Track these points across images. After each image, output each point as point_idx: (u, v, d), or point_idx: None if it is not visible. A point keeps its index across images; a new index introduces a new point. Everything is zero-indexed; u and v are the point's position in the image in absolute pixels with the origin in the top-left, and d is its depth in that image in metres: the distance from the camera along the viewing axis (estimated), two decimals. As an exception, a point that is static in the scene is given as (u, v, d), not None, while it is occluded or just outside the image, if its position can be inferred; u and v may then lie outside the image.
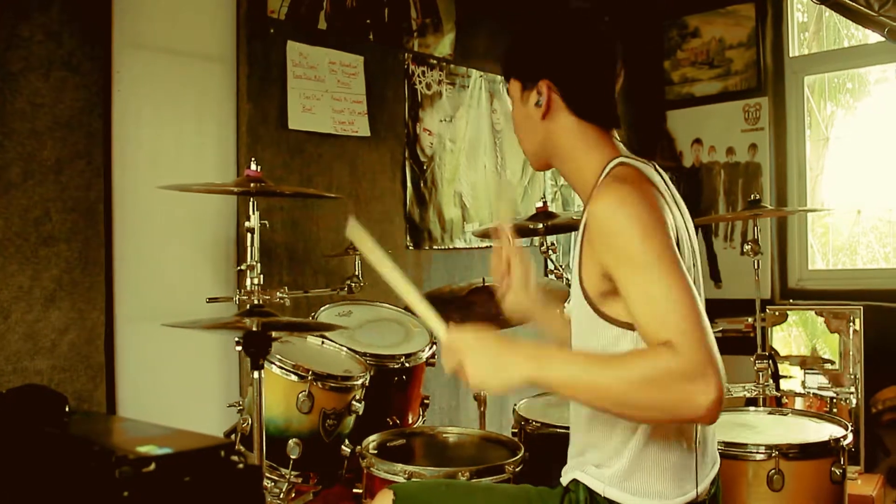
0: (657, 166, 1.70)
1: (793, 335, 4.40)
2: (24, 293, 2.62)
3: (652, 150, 5.38)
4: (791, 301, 4.74)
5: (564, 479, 1.67)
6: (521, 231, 3.27)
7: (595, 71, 1.67)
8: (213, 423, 3.08)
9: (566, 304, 2.95)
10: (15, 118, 2.62)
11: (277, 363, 2.44)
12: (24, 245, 2.62)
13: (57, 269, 2.69)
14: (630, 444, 1.56)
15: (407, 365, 2.82)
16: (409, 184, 3.97)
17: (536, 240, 3.25)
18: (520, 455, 2.21)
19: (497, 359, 1.45)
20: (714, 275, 5.16)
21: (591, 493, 1.59)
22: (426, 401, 3.00)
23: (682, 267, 1.40)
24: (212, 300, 2.59)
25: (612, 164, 1.61)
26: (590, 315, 1.56)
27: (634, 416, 1.45)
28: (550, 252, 3.15)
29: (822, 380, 4.21)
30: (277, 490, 2.42)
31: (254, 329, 2.08)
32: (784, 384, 4.21)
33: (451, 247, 4.19)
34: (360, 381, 2.56)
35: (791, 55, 5.04)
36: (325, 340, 2.77)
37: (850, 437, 2.38)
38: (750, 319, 3.59)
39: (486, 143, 4.44)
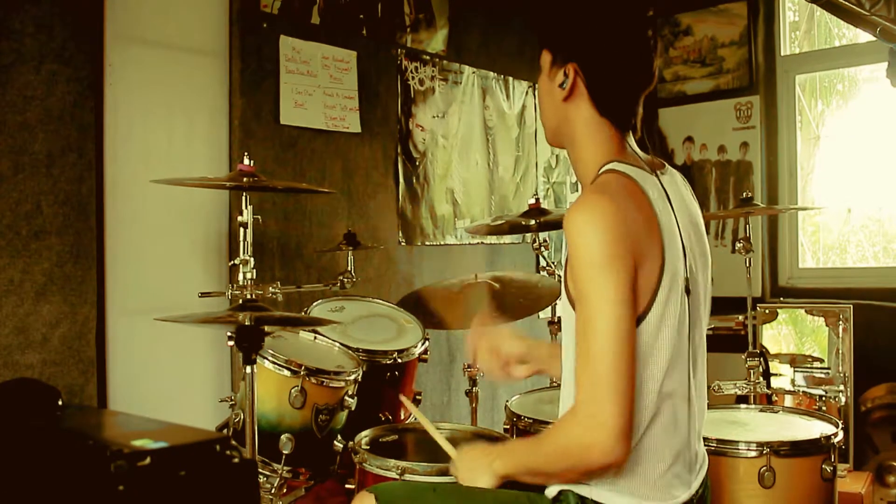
0: (665, 165, 1.69)
1: (783, 333, 4.42)
2: (15, 287, 2.60)
3: (643, 148, 5.38)
4: (781, 299, 4.76)
5: (553, 488, 1.65)
6: (514, 227, 3.27)
7: (626, 71, 1.62)
8: (204, 418, 3.08)
9: (557, 302, 2.97)
10: (6, 111, 2.60)
11: (270, 358, 2.43)
12: (14, 238, 2.61)
13: (48, 262, 2.68)
14: None
15: (399, 361, 2.82)
16: (401, 179, 3.97)
17: (529, 236, 3.25)
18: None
19: (474, 470, 1.70)
20: (705, 272, 5.17)
21: (581, 499, 1.58)
22: (418, 396, 2.99)
23: (624, 308, 1.43)
24: (204, 295, 2.58)
25: (603, 169, 1.60)
26: (572, 314, 1.56)
27: (565, 478, 1.58)
28: (542, 249, 3.15)
29: (811, 377, 4.23)
30: (269, 485, 2.42)
31: (246, 324, 2.08)
32: (774, 382, 4.23)
33: (442, 243, 4.19)
34: (352, 377, 2.55)
35: (782, 54, 5.05)
36: (317, 336, 2.76)
37: (841, 435, 2.39)
38: (741, 317, 3.60)
39: (478, 139, 4.44)
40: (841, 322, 4.17)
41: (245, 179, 2.29)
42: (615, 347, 1.42)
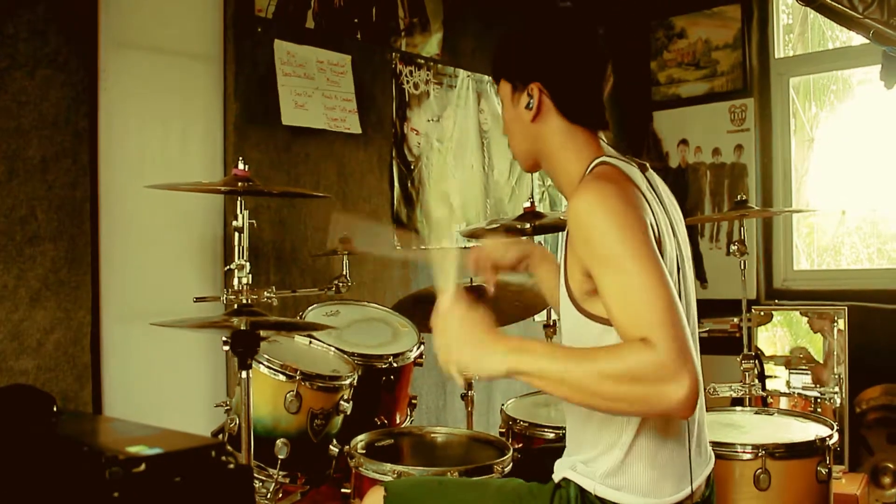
0: (645, 164, 1.71)
1: (777, 335, 4.43)
2: (10, 292, 2.60)
3: (638, 150, 5.40)
4: (776, 301, 4.77)
5: (556, 476, 1.67)
6: (509, 231, 3.27)
7: (586, 74, 1.67)
8: (200, 423, 3.07)
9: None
10: (0, 116, 2.60)
11: (265, 363, 2.43)
12: (9, 244, 2.60)
13: (42, 268, 2.68)
14: (621, 440, 1.56)
15: (395, 365, 2.82)
16: (396, 183, 3.97)
17: (524, 240, 3.25)
18: (508, 455, 2.21)
19: (479, 346, 1.46)
20: (700, 275, 5.18)
21: (581, 490, 1.59)
22: (414, 401, 2.99)
23: (660, 263, 1.40)
24: (199, 300, 2.58)
25: (594, 164, 1.62)
26: (575, 314, 1.57)
27: (609, 408, 1.42)
28: (538, 252, 3.15)
29: (806, 379, 4.24)
30: (265, 490, 2.41)
31: (242, 328, 2.08)
32: (769, 384, 4.24)
33: (438, 246, 4.18)
34: (348, 381, 2.55)
35: (776, 57, 5.07)
36: (312, 340, 2.76)
37: (836, 437, 2.40)
38: (736, 319, 3.61)
39: (473, 142, 4.44)
40: (835, 324, 4.18)
41: (240, 184, 2.28)
42: (672, 298, 1.36)
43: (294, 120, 3.44)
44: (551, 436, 2.53)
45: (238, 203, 2.33)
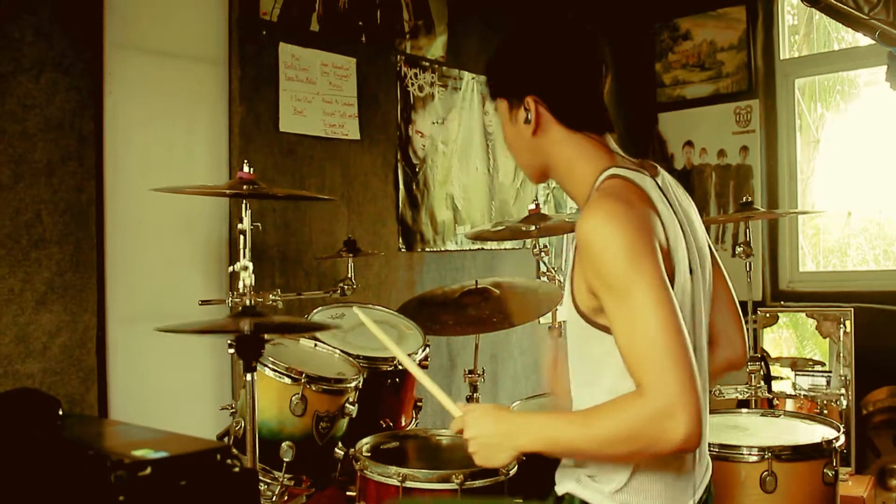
0: (656, 167, 1.69)
1: (783, 337, 4.42)
2: (16, 296, 2.60)
3: (643, 152, 5.39)
4: (782, 303, 4.76)
5: (559, 488, 1.65)
6: (514, 233, 3.27)
7: (580, 79, 1.62)
8: (205, 426, 3.07)
9: (558, 308, 2.97)
10: (5, 120, 2.60)
11: (270, 366, 2.43)
12: (15, 247, 2.61)
13: (48, 271, 2.68)
14: None
15: (400, 367, 2.81)
16: (401, 186, 3.97)
17: (529, 242, 3.25)
18: (513, 457, 2.21)
19: (494, 439, 1.57)
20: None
21: None
22: (419, 403, 2.99)
23: (666, 291, 1.40)
24: (204, 302, 2.58)
25: (603, 177, 1.58)
26: (583, 326, 1.55)
27: (625, 461, 1.52)
28: (543, 254, 3.15)
29: (812, 381, 4.23)
30: (270, 493, 2.41)
31: (247, 331, 2.07)
32: (775, 386, 4.23)
33: (443, 249, 4.19)
34: (353, 384, 2.55)
35: (782, 58, 5.06)
36: (318, 343, 2.76)
37: (842, 439, 2.39)
38: (741, 321, 3.58)
39: (478, 145, 4.44)
40: (842, 325, 4.17)
41: (245, 187, 2.29)
42: (673, 331, 1.38)
43: (292, 127, 3.44)
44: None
45: (243, 206, 2.33)
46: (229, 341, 2.15)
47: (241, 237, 2.32)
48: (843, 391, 3.87)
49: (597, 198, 1.52)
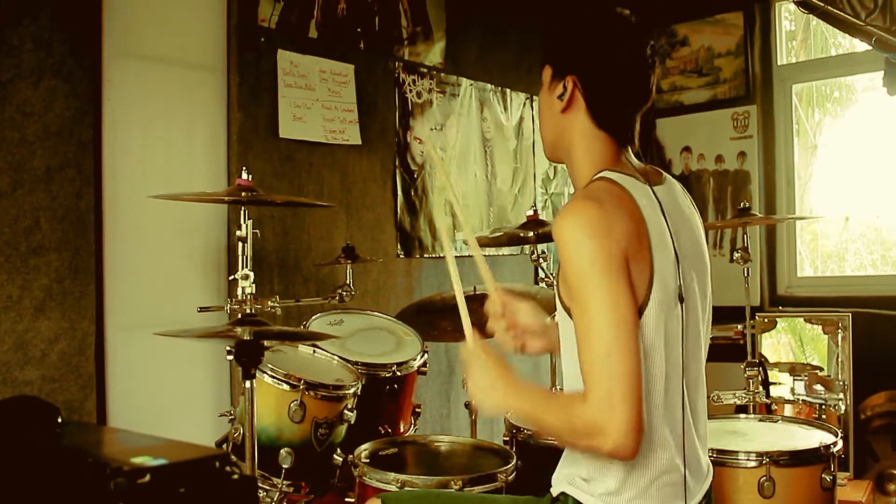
0: (662, 175, 1.69)
1: (781, 342, 4.42)
2: (14, 303, 2.60)
3: (641, 158, 5.39)
4: (780, 308, 4.76)
5: (554, 490, 1.66)
6: (512, 239, 3.28)
7: (623, 83, 1.65)
8: (204, 433, 3.07)
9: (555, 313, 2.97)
10: (4, 127, 2.61)
11: (269, 372, 2.43)
12: (13, 255, 2.61)
13: (47, 278, 2.68)
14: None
15: (398, 374, 2.82)
16: (399, 192, 3.97)
17: (527, 248, 3.25)
18: (512, 463, 2.21)
19: (491, 383, 1.62)
20: (703, 282, 5.17)
21: None
22: (417, 409, 2.99)
23: (623, 309, 1.44)
24: (203, 309, 2.58)
25: (595, 177, 1.61)
26: (568, 320, 1.57)
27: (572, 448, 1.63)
28: (541, 260, 3.16)
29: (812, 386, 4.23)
30: (269, 500, 2.42)
31: (245, 338, 2.08)
32: (773, 391, 4.23)
33: (441, 255, 4.19)
34: (351, 390, 2.55)
35: (779, 63, 5.07)
36: (316, 349, 2.76)
37: (840, 444, 2.39)
38: (739, 327, 3.60)
39: (476, 151, 4.45)
40: (840, 330, 4.17)
41: (243, 194, 2.29)
42: (622, 353, 1.42)
43: (291, 133, 3.45)
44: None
45: (242, 213, 2.33)
46: (228, 348, 2.15)
47: (240, 244, 2.32)
48: (841, 396, 3.88)
49: (574, 198, 1.57)
